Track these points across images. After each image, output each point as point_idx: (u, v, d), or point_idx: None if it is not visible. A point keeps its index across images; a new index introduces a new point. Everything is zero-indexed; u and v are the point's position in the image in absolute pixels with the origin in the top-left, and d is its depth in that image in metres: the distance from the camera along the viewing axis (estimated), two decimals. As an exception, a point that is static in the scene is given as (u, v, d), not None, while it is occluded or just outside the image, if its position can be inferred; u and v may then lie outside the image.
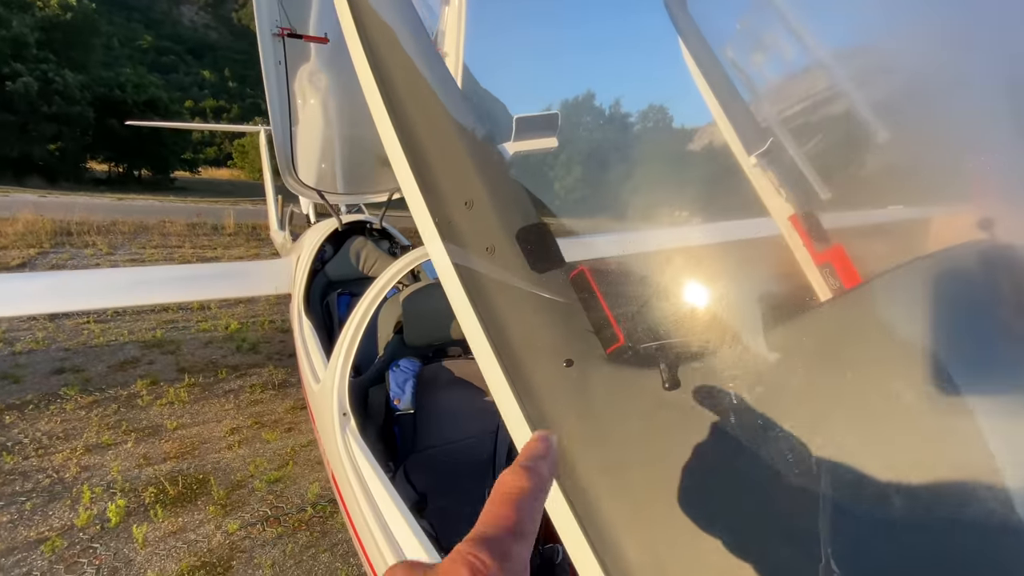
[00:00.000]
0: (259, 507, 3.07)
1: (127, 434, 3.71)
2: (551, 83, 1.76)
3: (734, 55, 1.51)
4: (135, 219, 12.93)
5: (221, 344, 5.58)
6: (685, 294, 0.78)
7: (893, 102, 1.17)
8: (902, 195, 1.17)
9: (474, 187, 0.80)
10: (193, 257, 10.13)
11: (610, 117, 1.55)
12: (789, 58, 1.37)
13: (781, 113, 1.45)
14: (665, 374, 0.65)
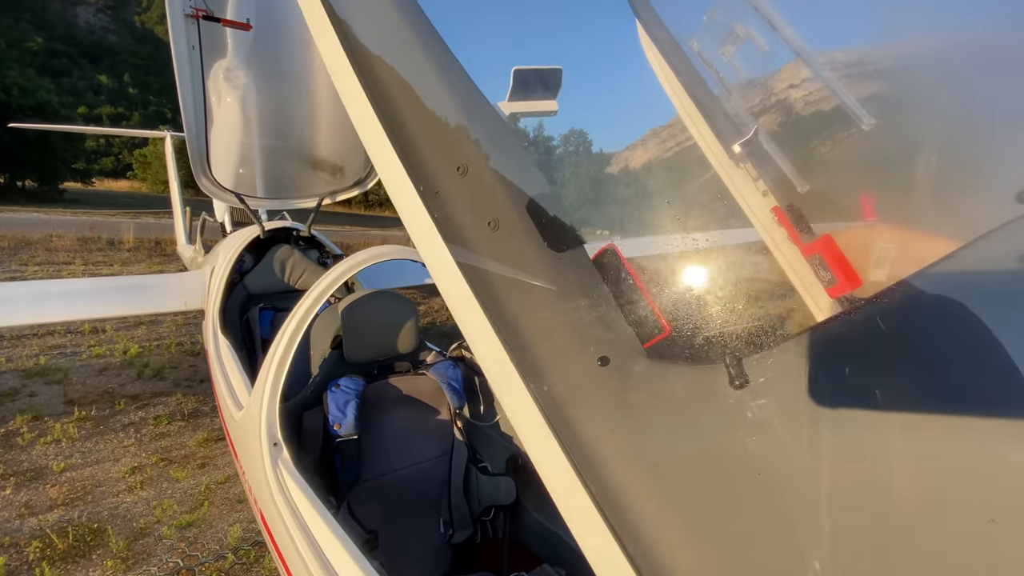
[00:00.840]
0: (168, 557, 2.64)
1: (5, 479, 3.11)
2: (504, 80, 1.65)
3: (701, 48, 1.47)
4: (16, 232, 11.39)
5: (118, 371, 4.92)
6: (726, 278, 0.67)
7: (869, 90, 1.16)
8: (881, 181, 1.15)
9: (467, 150, 0.65)
10: (84, 274, 9.02)
11: (576, 112, 1.46)
12: (761, 49, 1.34)
13: (754, 105, 1.41)
14: (733, 369, 0.53)
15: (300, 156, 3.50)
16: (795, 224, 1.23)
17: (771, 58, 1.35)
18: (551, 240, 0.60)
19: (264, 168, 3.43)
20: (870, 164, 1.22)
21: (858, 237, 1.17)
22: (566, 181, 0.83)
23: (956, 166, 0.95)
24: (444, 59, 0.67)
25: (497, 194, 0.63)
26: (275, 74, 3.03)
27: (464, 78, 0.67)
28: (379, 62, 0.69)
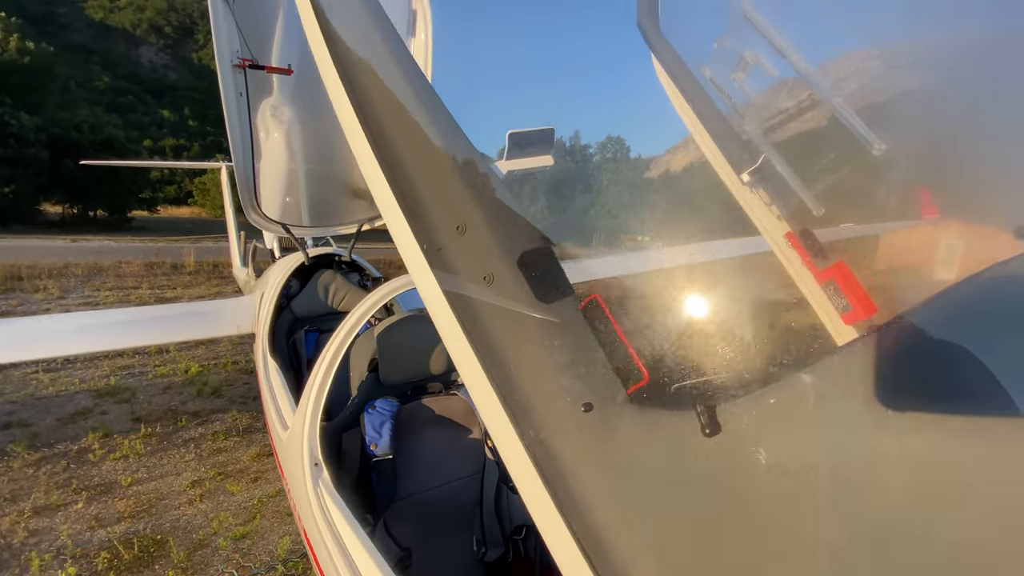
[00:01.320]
0: (224, 567, 2.81)
1: (78, 493, 3.39)
2: (526, 112, 1.72)
3: (713, 75, 1.49)
4: (89, 261, 12.36)
5: (180, 389, 5.26)
6: (712, 323, 0.71)
7: (879, 115, 1.15)
8: (894, 207, 1.14)
9: (466, 210, 0.71)
10: (151, 298, 9.69)
11: (592, 145, 1.51)
12: (770, 75, 1.35)
13: (766, 131, 1.42)
14: (703, 417, 0.56)
15: (340, 186, 3.70)
16: (809, 250, 1.24)
17: (780, 82, 1.37)
18: (540, 292, 0.64)
19: (308, 198, 3.64)
20: (880, 186, 1.21)
21: (872, 260, 1.16)
22: (556, 234, 0.89)
23: (965, 189, 0.94)
24: (447, 126, 0.74)
25: (492, 251, 0.68)
26: (315, 110, 3.23)
27: (465, 142, 0.74)
28: (389, 129, 0.78)
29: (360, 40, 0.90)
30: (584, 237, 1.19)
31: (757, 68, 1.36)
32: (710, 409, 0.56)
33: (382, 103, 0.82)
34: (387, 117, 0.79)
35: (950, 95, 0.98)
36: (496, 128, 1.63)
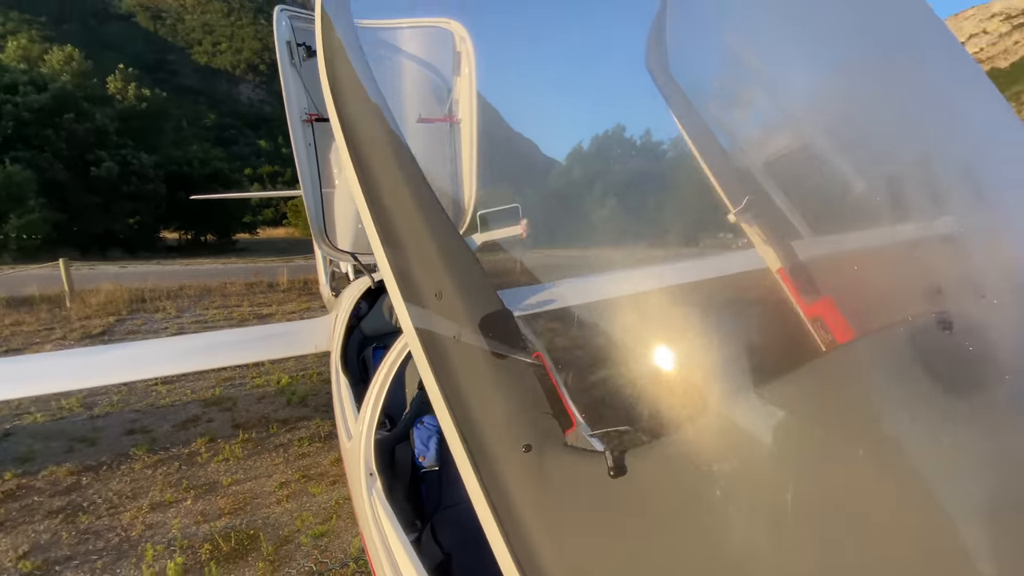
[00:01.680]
0: (304, 562, 3.16)
1: (187, 491, 3.93)
2: (555, 143, 1.88)
3: (718, 113, 1.56)
4: (200, 282, 13.92)
5: (273, 399, 5.87)
6: (640, 380, 0.82)
7: (868, 156, 1.19)
8: (881, 243, 1.17)
9: (443, 279, 0.89)
10: (250, 315, 10.76)
11: (605, 177, 1.63)
12: (768, 116, 1.41)
13: (763, 168, 1.47)
14: (610, 460, 0.69)
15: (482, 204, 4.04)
16: (798, 285, 1.29)
17: (776, 122, 1.42)
18: (495, 350, 0.80)
19: (371, 229, 4.01)
20: (869, 221, 1.25)
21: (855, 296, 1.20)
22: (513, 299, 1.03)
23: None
24: (432, 209, 0.93)
25: (460, 314, 0.85)
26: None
27: (447, 224, 0.91)
28: (387, 202, 0.97)
29: (370, 129, 1.10)
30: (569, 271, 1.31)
31: (754, 106, 1.43)
32: (619, 454, 0.69)
33: (386, 187, 1.01)
34: (389, 197, 0.98)
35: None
36: (534, 156, 1.79)
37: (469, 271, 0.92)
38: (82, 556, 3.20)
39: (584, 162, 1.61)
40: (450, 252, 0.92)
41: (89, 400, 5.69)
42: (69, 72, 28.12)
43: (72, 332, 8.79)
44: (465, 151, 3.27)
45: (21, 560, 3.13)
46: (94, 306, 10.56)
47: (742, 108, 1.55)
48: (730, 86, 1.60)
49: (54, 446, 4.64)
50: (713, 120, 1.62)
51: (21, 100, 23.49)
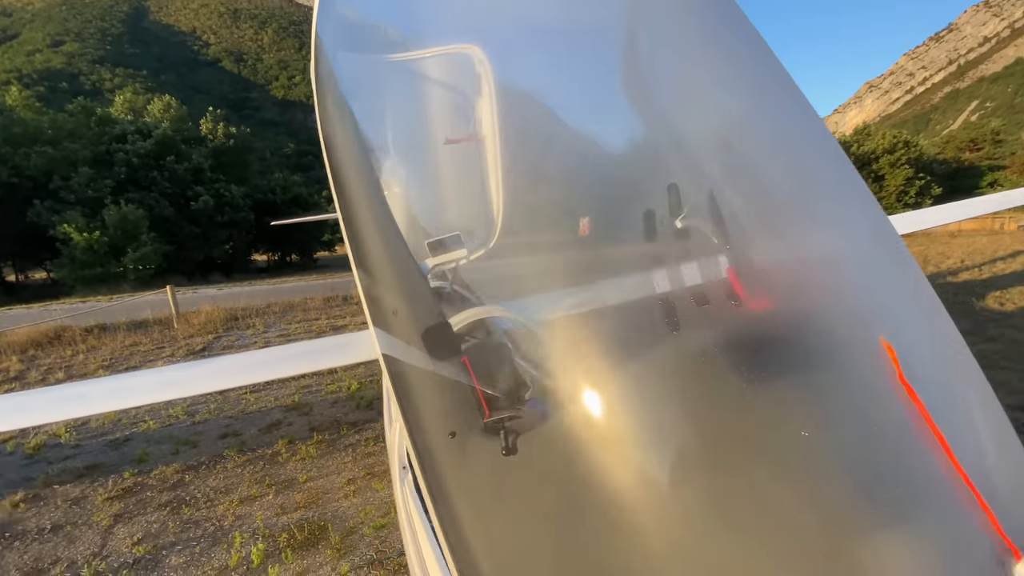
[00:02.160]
0: (367, 551, 3.49)
1: (269, 487, 4.43)
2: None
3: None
4: (284, 300, 15.18)
5: (344, 403, 6.38)
6: (535, 374, 0.98)
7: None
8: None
9: (398, 298, 1.09)
10: (327, 327, 11.63)
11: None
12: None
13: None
14: (503, 442, 0.86)
15: (443, 229, 4.31)
16: (743, 286, 1.37)
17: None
18: (433, 354, 1.00)
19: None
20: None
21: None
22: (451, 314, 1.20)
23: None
24: (394, 238, 1.13)
25: (410, 326, 1.05)
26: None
27: (406, 252, 1.12)
28: (363, 238, 1.19)
29: (353, 171, 1.32)
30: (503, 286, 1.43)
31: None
32: (512, 438, 0.86)
33: (362, 219, 1.23)
34: (361, 224, 1.20)
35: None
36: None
37: (420, 291, 1.11)
38: (184, 542, 3.73)
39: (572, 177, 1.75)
40: (405, 275, 1.12)
41: (192, 408, 6.49)
42: (168, 118, 31.60)
43: (179, 350, 9.96)
44: (491, 167, 3.50)
45: (135, 546, 3.71)
46: (196, 326, 11.88)
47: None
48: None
49: (163, 448, 5.37)
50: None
51: (131, 147, 26.74)
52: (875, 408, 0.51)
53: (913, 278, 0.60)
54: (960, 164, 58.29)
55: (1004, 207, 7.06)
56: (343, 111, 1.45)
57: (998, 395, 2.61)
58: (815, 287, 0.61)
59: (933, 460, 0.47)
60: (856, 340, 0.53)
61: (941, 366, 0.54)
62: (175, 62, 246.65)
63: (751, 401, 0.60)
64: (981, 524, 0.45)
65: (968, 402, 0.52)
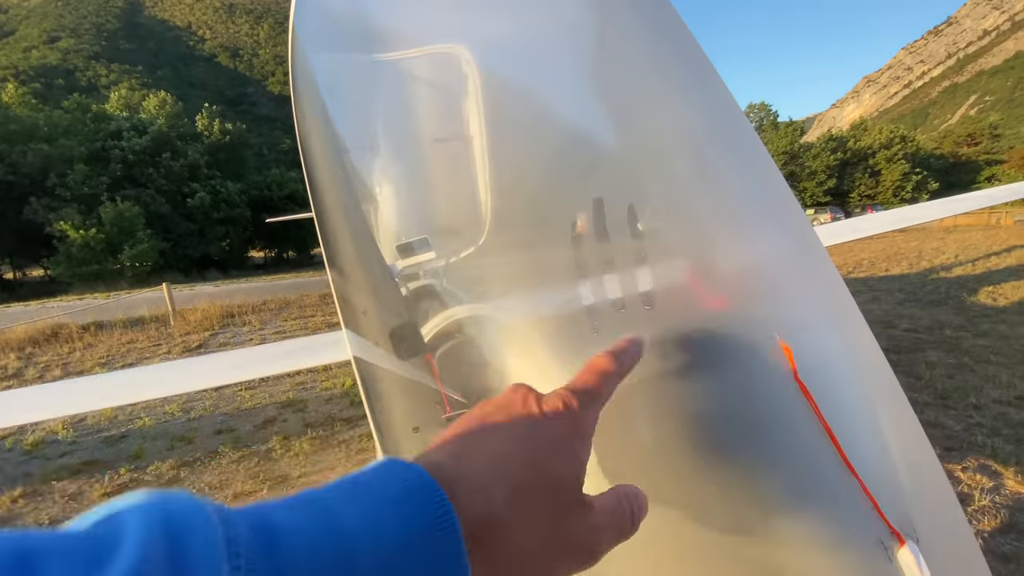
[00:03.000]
0: (358, 545, 3.55)
1: (263, 483, 4.48)
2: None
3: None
4: (280, 296, 15.23)
5: (339, 400, 6.44)
6: (491, 371, 1.02)
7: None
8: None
9: (369, 299, 1.14)
10: (323, 324, 11.67)
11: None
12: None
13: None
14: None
15: (432, 227, 4.36)
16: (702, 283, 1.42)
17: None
18: (399, 354, 1.04)
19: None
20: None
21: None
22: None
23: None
24: (365, 241, 1.18)
25: (378, 327, 1.10)
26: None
27: (377, 254, 1.16)
28: (335, 240, 1.23)
29: (327, 181, 1.36)
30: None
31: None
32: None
33: (333, 224, 1.27)
34: (333, 226, 1.24)
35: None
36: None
37: (388, 292, 1.16)
38: (180, 537, 3.78)
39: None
40: (375, 278, 1.17)
41: (187, 405, 6.54)
42: (164, 115, 31.54)
43: (175, 347, 10.01)
44: (478, 165, 3.53)
45: (133, 539, 3.76)
46: (192, 323, 11.92)
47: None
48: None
49: (159, 445, 5.42)
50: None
51: (126, 144, 26.69)
52: (766, 405, 0.55)
53: (826, 280, 0.64)
54: (957, 159, 58.34)
55: (1000, 201, 7.13)
56: (320, 111, 1.49)
57: (987, 389, 2.75)
58: (724, 288, 0.65)
59: (820, 452, 0.51)
60: (755, 340, 0.57)
61: (842, 364, 0.58)
62: (170, 57, 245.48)
63: (652, 403, 0.65)
64: (866, 512, 0.50)
65: (866, 397, 0.57)
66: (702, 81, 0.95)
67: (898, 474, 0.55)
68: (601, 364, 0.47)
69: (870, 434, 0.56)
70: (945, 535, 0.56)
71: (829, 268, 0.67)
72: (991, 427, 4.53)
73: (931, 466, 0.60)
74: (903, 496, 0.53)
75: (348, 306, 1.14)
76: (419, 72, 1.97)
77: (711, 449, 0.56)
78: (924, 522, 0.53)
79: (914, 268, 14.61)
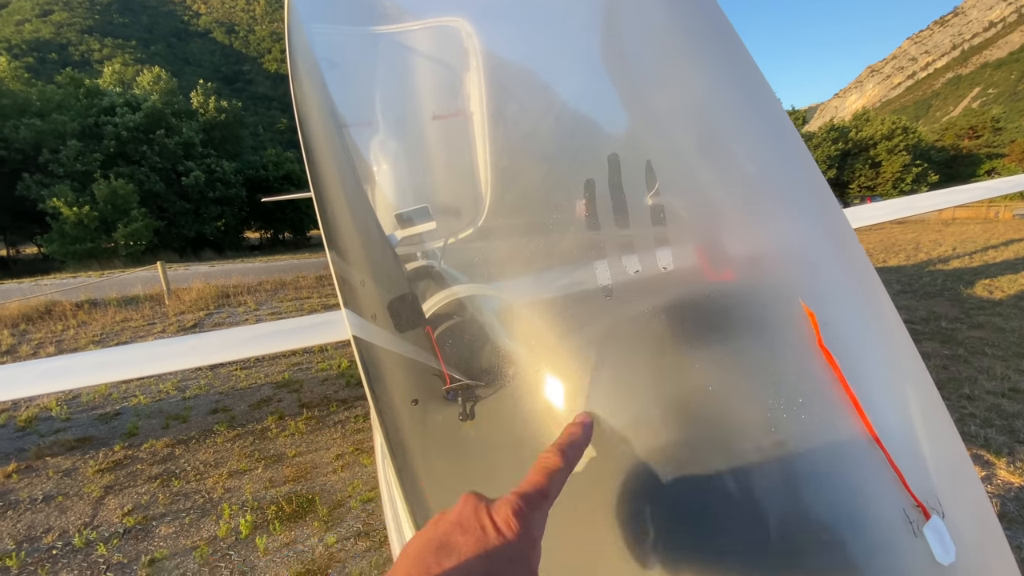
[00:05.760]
0: (353, 524, 3.55)
1: (258, 461, 4.48)
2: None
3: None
4: (276, 277, 15.14)
5: (334, 381, 6.42)
6: (492, 346, 0.99)
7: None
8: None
9: (365, 269, 1.10)
10: (319, 306, 11.62)
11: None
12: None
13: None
14: (460, 408, 0.88)
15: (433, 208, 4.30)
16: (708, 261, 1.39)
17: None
18: (398, 326, 1.01)
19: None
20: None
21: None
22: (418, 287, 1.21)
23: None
24: (364, 211, 1.14)
25: (375, 298, 1.06)
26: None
27: (375, 224, 1.12)
28: (334, 211, 1.19)
29: (326, 154, 1.32)
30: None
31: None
32: (469, 404, 0.88)
33: (331, 195, 1.23)
34: (331, 196, 1.20)
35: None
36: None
37: (387, 262, 1.12)
38: (174, 513, 3.78)
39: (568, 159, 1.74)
40: (372, 247, 1.13)
41: (182, 384, 6.51)
42: (158, 91, 30.97)
43: (170, 326, 9.95)
44: (478, 143, 3.46)
45: (126, 516, 3.76)
46: (187, 303, 11.85)
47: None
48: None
49: (153, 423, 5.40)
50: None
51: (120, 120, 26.23)
52: (791, 371, 0.53)
53: (851, 255, 0.61)
54: (958, 151, 58.18)
55: (999, 194, 7.10)
56: (318, 85, 1.43)
57: (981, 381, 2.74)
58: (751, 258, 0.62)
59: (845, 421, 0.49)
60: (778, 305, 0.54)
61: (866, 333, 0.55)
62: (164, 32, 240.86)
63: (676, 367, 0.62)
64: (891, 484, 0.47)
65: (889, 367, 0.54)
66: (728, 52, 0.91)
67: (922, 447, 0.52)
68: (550, 462, 0.51)
69: (893, 405, 0.54)
70: (968, 511, 0.54)
71: (854, 242, 0.64)
72: (984, 418, 4.56)
73: (953, 441, 0.58)
74: (927, 469, 0.51)
75: (347, 284, 1.10)
76: (420, 45, 1.90)
77: (735, 417, 0.54)
78: (947, 497, 0.51)
79: (911, 260, 14.63)
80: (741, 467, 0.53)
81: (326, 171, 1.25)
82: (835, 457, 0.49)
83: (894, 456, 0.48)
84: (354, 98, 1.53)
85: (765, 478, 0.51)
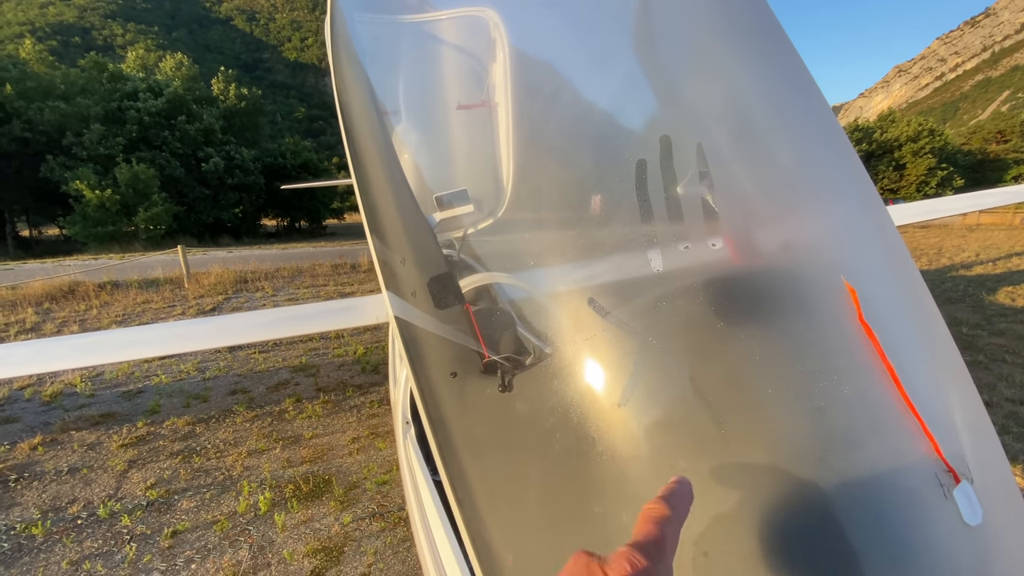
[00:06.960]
0: (368, 504, 3.63)
1: (276, 442, 4.58)
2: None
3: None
4: (293, 264, 15.32)
5: (350, 367, 6.52)
6: (530, 321, 1.03)
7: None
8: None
9: (406, 248, 1.14)
10: (335, 293, 11.75)
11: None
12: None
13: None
14: (500, 380, 0.92)
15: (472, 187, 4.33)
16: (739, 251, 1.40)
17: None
18: (438, 302, 1.05)
19: (423, 209, 4.35)
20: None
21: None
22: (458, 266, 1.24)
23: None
24: (404, 193, 1.18)
25: (416, 276, 1.10)
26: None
27: (414, 205, 1.16)
28: (375, 195, 1.23)
29: (366, 130, 1.35)
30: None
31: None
32: (508, 376, 0.91)
33: (374, 175, 1.27)
34: (373, 180, 1.24)
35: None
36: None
37: (426, 242, 1.16)
38: (195, 488, 3.89)
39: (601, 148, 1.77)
40: (412, 227, 1.16)
41: (202, 365, 6.65)
42: (180, 77, 31.32)
43: (189, 309, 10.14)
44: (502, 134, 3.50)
45: (149, 490, 3.87)
46: (206, 286, 12.05)
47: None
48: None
49: (175, 401, 5.54)
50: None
51: (142, 106, 26.60)
52: (833, 342, 0.56)
53: (889, 239, 0.64)
54: (985, 156, 56.80)
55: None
56: (358, 73, 1.47)
57: (1000, 387, 2.74)
58: (794, 239, 0.65)
59: (883, 390, 0.51)
60: (822, 281, 0.57)
61: (901, 310, 0.58)
62: (186, 18, 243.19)
63: (724, 339, 0.65)
64: (925, 449, 0.50)
65: (924, 342, 0.57)
66: (772, 44, 0.92)
67: (954, 418, 0.55)
68: (657, 512, 0.46)
69: (927, 378, 0.56)
70: (994, 478, 0.56)
71: (891, 228, 0.66)
72: (1001, 425, 4.51)
73: (981, 414, 0.60)
74: (958, 438, 0.53)
75: (388, 267, 1.14)
76: (460, 35, 1.93)
77: (780, 383, 0.57)
78: (976, 464, 0.53)
79: (933, 264, 14.38)
80: (787, 436, 0.55)
81: (367, 156, 1.29)
82: (874, 423, 0.52)
83: (928, 425, 0.51)
84: (394, 86, 1.56)
85: (804, 441, 0.54)
